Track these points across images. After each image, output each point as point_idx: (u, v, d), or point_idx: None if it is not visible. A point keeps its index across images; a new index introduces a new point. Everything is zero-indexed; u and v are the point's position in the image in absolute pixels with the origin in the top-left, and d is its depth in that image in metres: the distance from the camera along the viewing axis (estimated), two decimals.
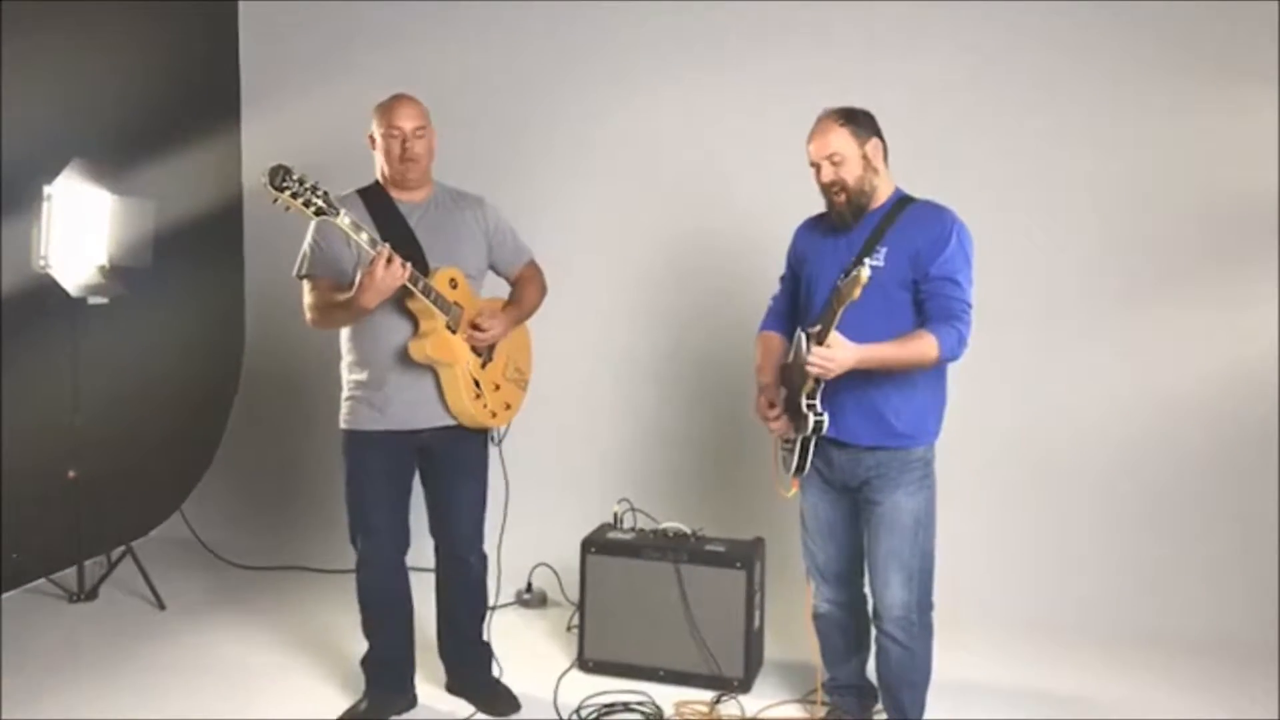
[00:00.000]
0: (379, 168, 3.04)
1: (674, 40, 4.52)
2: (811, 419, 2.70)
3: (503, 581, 3.34)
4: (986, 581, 3.93)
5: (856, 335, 2.57)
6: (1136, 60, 4.00)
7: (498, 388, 3.13)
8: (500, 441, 3.22)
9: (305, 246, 3.00)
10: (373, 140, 3.01)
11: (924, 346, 2.61)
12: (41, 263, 3.86)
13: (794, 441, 2.81)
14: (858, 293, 2.41)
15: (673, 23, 4.51)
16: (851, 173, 2.73)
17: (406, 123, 2.95)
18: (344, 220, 2.71)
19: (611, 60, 4.61)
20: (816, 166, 2.77)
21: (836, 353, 2.52)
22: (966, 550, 3.84)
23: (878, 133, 2.77)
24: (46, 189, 3.85)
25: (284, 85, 5.05)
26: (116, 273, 4.12)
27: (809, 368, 2.55)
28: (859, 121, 2.75)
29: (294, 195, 2.62)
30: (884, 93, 2.83)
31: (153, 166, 4.51)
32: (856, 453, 2.80)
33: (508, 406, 3.17)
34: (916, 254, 2.69)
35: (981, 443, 4.01)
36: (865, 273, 2.39)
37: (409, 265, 2.78)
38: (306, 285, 3.02)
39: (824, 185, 2.77)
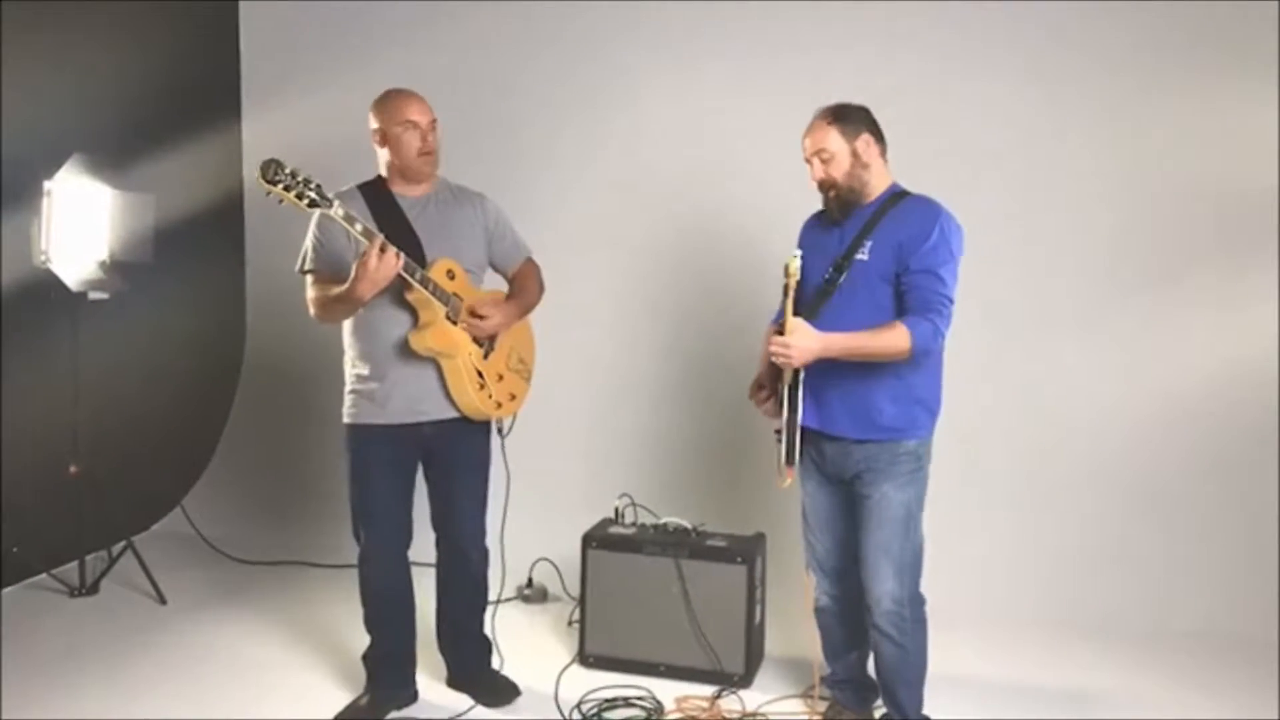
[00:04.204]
0: (383, 163, 3.04)
1: (676, 39, 4.52)
2: (785, 410, 2.74)
3: (504, 576, 3.33)
4: (986, 578, 3.93)
5: (838, 327, 2.64)
6: (1136, 58, 4.00)
7: (501, 378, 3.13)
8: (507, 434, 3.22)
9: (307, 242, 3.00)
10: (382, 136, 2.98)
11: (895, 337, 2.62)
12: (42, 258, 3.86)
13: (779, 432, 2.84)
14: (791, 283, 2.65)
15: (674, 21, 4.50)
16: (840, 169, 2.77)
17: (424, 116, 2.96)
18: (337, 212, 2.71)
19: (612, 59, 4.61)
20: (809, 163, 2.82)
21: (794, 340, 2.60)
22: (966, 547, 3.86)
23: (872, 128, 2.80)
24: (47, 184, 3.84)
25: (285, 80, 5.04)
26: (117, 268, 4.12)
27: (772, 357, 2.66)
28: (848, 118, 2.79)
29: (286, 188, 2.63)
30: (885, 90, 2.83)
31: (153, 162, 4.50)
32: (846, 445, 2.81)
33: (512, 397, 3.17)
34: (899, 247, 2.71)
35: (981, 439, 4.02)
36: (795, 264, 2.65)
37: (402, 255, 2.78)
38: (309, 280, 3.02)
39: (816, 182, 2.83)
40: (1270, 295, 3.88)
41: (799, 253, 2.72)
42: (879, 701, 3.07)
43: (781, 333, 2.64)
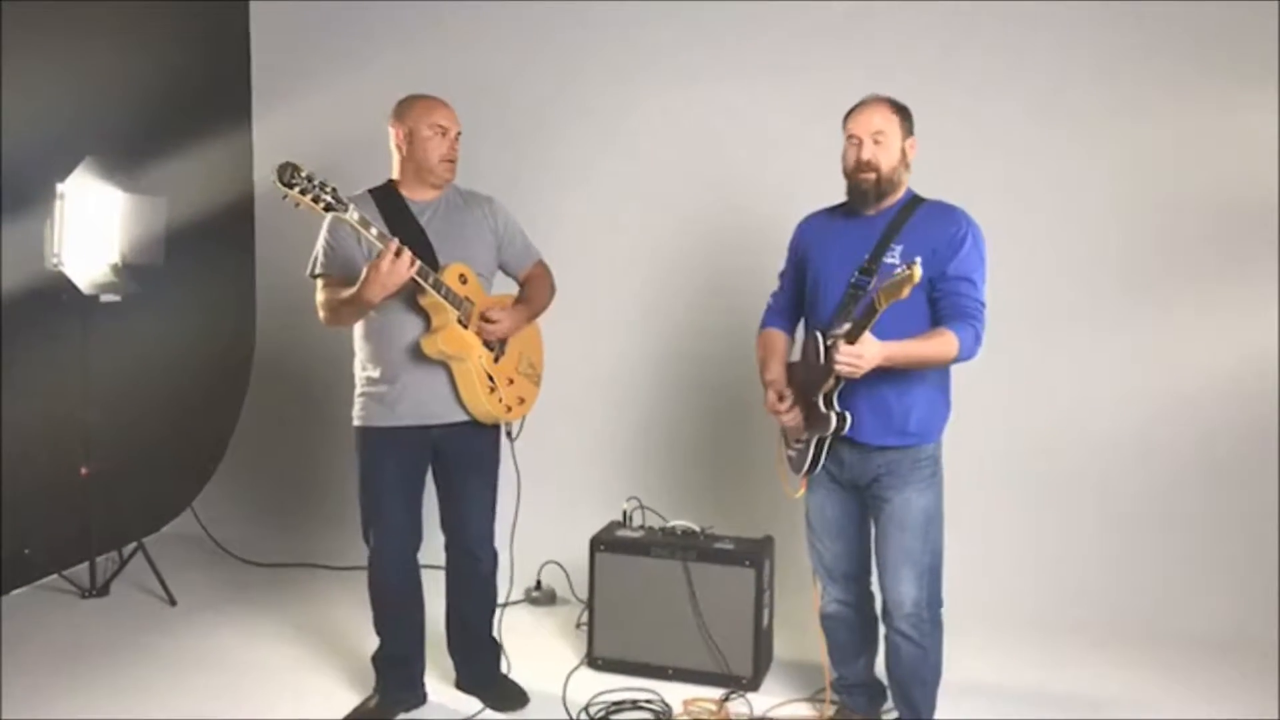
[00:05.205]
0: (397, 165, 3.05)
1: (677, 42, 4.52)
2: (834, 418, 2.70)
3: (512, 579, 3.34)
4: (991, 581, 3.91)
5: (875, 333, 2.57)
6: (1137, 61, 3.99)
7: (511, 382, 3.13)
8: (516, 437, 3.22)
9: (318, 246, 3.01)
10: (409, 135, 2.99)
11: (945, 344, 2.62)
12: (54, 260, 3.87)
13: (805, 441, 2.81)
14: (907, 291, 2.35)
15: (675, 24, 4.50)
16: (889, 159, 2.73)
17: (453, 124, 3.01)
18: (352, 215, 2.73)
19: (613, 61, 4.61)
20: (856, 141, 2.74)
21: (866, 349, 2.51)
22: (971, 550, 3.83)
23: (913, 133, 2.80)
24: (59, 187, 3.86)
25: (296, 83, 5.06)
26: (129, 270, 4.13)
27: (838, 367, 2.54)
28: (907, 116, 2.79)
29: (302, 191, 2.64)
30: (891, 90, 2.82)
31: (165, 164, 4.52)
32: (867, 451, 2.79)
33: (522, 401, 3.18)
34: (933, 253, 2.67)
35: (986, 442, 3.99)
36: (918, 271, 2.32)
37: (416, 259, 2.79)
38: (320, 284, 3.03)
39: (858, 162, 2.74)
40: (1271, 299, 3.87)
41: (920, 259, 2.37)
42: (888, 705, 3.07)
43: (851, 341, 2.51)
